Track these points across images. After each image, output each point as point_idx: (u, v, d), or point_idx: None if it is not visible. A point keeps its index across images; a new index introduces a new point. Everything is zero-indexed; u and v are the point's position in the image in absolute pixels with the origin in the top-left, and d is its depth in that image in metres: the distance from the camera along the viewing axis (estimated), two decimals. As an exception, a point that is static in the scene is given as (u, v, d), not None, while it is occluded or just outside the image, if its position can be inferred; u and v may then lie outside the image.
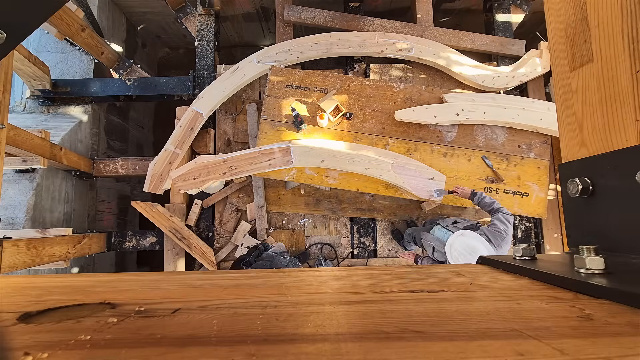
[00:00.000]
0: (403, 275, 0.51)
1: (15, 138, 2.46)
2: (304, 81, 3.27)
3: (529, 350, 0.28)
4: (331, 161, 2.99)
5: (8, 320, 0.33)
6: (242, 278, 0.50)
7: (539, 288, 0.44)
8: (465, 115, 3.13)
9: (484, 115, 3.14)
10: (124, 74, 3.87)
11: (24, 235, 3.08)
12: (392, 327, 0.32)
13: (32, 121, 3.71)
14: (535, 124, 3.14)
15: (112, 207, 4.67)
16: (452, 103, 3.16)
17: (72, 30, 3.27)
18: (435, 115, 3.12)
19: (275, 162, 3.00)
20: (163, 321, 0.34)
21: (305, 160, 3.00)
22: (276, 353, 0.28)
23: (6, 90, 1.80)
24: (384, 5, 4.73)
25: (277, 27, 3.81)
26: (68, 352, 0.28)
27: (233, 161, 3.05)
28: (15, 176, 3.31)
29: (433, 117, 3.12)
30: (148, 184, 3.40)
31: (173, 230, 3.44)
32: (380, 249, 3.63)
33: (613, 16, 0.50)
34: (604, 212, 0.53)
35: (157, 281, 0.49)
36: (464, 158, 3.19)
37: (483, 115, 3.14)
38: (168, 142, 3.44)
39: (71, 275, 0.53)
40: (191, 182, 3.08)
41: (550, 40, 0.66)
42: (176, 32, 5.50)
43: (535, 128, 3.16)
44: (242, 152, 3.07)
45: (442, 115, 3.13)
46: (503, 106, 3.17)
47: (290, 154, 2.99)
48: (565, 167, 0.61)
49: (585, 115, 0.57)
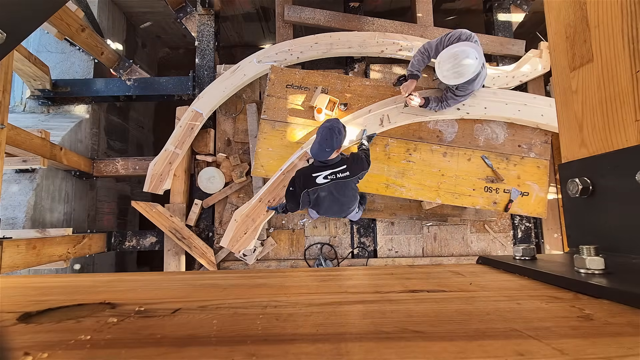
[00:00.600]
0: (403, 275, 0.51)
1: (15, 138, 2.46)
2: (304, 81, 3.27)
3: (529, 350, 0.28)
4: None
5: (8, 320, 0.33)
6: (242, 278, 0.50)
7: (539, 288, 0.44)
8: (465, 110, 3.13)
9: (485, 110, 3.14)
10: (124, 74, 3.87)
11: (24, 235, 3.08)
12: (392, 327, 0.32)
13: (32, 121, 3.71)
14: (536, 120, 3.13)
15: (112, 207, 4.67)
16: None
17: (72, 30, 3.27)
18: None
19: None
20: (163, 321, 0.34)
21: None
22: (276, 353, 0.28)
23: (6, 90, 1.80)
24: (384, 5, 4.73)
25: (277, 27, 3.81)
26: (68, 352, 0.28)
27: (267, 195, 3.03)
28: (15, 176, 3.31)
29: (433, 112, 3.12)
30: (148, 184, 3.40)
31: (173, 230, 3.44)
32: (380, 249, 3.63)
33: (613, 16, 0.50)
34: (604, 212, 0.53)
35: (157, 281, 0.49)
36: (464, 158, 3.19)
37: (484, 110, 3.14)
38: (168, 142, 3.44)
39: (71, 275, 0.53)
40: (245, 237, 3.05)
41: (550, 40, 0.66)
42: (176, 32, 5.50)
43: (536, 124, 3.16)
44: (270, 183, 3.04)
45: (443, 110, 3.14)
46: (504, 101, 3.16)
47: (309, 155, 3.01)
48: (565, 167, 0.61)
49: (585, 115, 0.57)
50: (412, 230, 3.63)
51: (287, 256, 3.61)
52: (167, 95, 3.94)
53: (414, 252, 3.62)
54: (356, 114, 3.16)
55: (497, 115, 3.15)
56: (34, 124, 3.66)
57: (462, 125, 3.22)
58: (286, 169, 3.01)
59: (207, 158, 3.66)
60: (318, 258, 3.54)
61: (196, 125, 3.44)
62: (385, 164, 3.14)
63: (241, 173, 3.57)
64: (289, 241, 3.62)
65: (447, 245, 3.63)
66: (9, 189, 3.26)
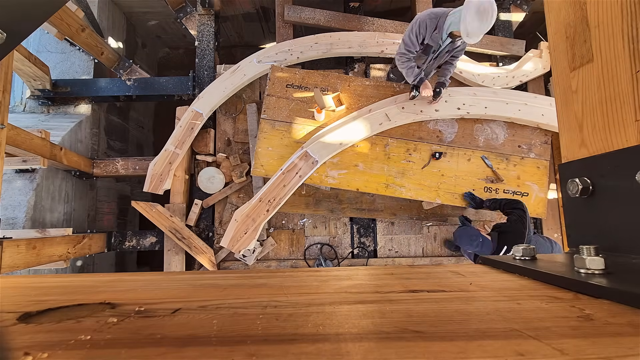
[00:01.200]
0: (403, 275, 0.51)
1: (15, 138, 2.46)
2: (304, 81, 3.27)
3: (529, 350, 0.28)
4: (345, 135, 3.05)
5: (8, 320, 0.33)
6: (242, 278, 0.50)
7: (539, 288, 0.44)
8: (466, 110, 3.13)
9: (485, 110, 3.14)
10: (124, 74, 3.87)
11: (24, 235, 3.08)
12: (392, 327, 0.32)
13: (32, 121, 3.71)
14: (537, 120, 3.13)
15: (112, 207, 4.67)
16: (454, 97, 3.16)
17: (72, 30, 3.27)
18: (437, 109, 3.12)
19: (303, 170, 3.00)
20: (163, 321, 0.34)
21: (325, 152, 3.02)
22: (276, 353, 0.28)
23: (6, 90, 1.80)
24: (384, 5, 4.73)
25: (277, 27, 3.81)
26: (68, 352, 0.28)
27: (267, 195, 3.02)
28: (15, 176, 3.31)
29: (434, 111, 3.12)
30: (148, 184, 3.40)
31: (173, 230, 3.44)
32: (381, 249, 3.62)
33: (613, 16, 0.50)
34: (604, 212, 0.53)
35: (157, 281, 0.49)
36: (464, 158, 3.18)
37: (484, 110, 3.14)
38: (168, 142, 3.44)
39: (71, 275, 0.53)
40: (245, 237, 3.05)
41: (550, 40, 0.66)
42: (176, 32, 5.50)
43: (537, 124, 3.16)
44: (270, 183, 3.05)
45: (444, 109, 3.13)
46: (505, 101, 3.16)
47: (310, 155, 3.00)
48: (565, 167, 0.61)
49: (585, 115, 0.57)
50: (412, 230, 3.63)
51: (287, 256, 3.61)
52: (167, 95, 3.94)
53: (414, 252, 3.62)
54: (355, 113, 3.16)
55: (498, 114, 3.15)
56: (34, 124, 3.66)
57: (462, 125, 3.22)
58: (286, 168, 3.01)
59: (207, 158, 3.66)
60: (318, 258, 3.54)
61: (196, 124, 3.44)
62: (385, 164, 3.14)
63: (241, 173, 3.57)
64: (289, 241, 3.62)
65: (447, 245, 3.63)
66: (9, 189, 3.26)
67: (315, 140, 3.05)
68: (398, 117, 3.11)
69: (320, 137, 3.06)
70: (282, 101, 3.24)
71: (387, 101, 3.18)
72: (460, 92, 3.20)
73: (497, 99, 3.17)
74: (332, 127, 3.12)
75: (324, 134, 3.09)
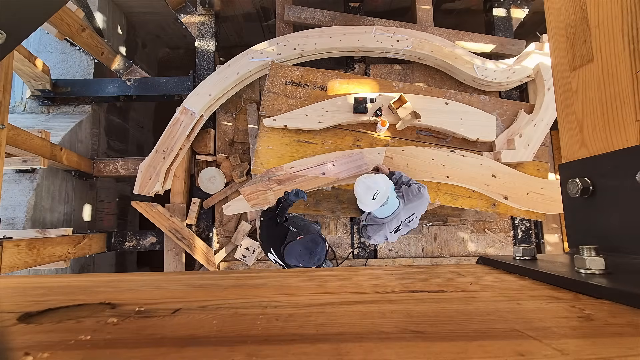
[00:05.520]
0: (403, 275, 0.51)
1: (15, 138, 2.46)
2: (303, 78, 3.27)
3: (530, 350, 0.28)
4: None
5: (8, 320, 0.33)
6: (242, 278, 0.50)
7: (539, 288, 0.44)
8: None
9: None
10: (124, 74, 3.87)
11: (24, 235, 3.08)
12: (392, 327, 0.32)
13: (32, 121, 3.71)
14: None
15: (112, 207, 4.67)
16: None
17: (72, 31, 3.27)
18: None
19: (185, 122, 3.32)
20: (163, 321, 0.34)
21: (200, 106, 3.37)
22: (276, 353, 0.28)
23: (6, 90, 1.80)
24: (384, 5, 4.73)
25: (277, 27, 3.81)
26: (68, 352, 0.28)
27: (161, 146, 3.41)
28: (15, 176, 3.31)
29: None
30: (138, 186, 3.38)
31: (173, 230, 3.44)
32: (381, 249, 3.62)
33: (613, 16, 0.50)
34: (604, 212, 0.53)
35: (157, 281, 0.49)
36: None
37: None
38: (158, 144, 3.42)
39: (71, 275, 0.53)
40: (150, 182, 3.38)
41: (550, 40, 0.66)
42: (176, 32, 5.49)
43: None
44: (161, 137, 3.39)
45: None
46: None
47: (188, 109, 3.35)
48: (566, 167, 0.61)
49: (585, 115, 0.57)
50: (412, 230, 3.62)
51: (287, 256, 3.60)
52: (167, 96, 3.94)
53: (414, 252, 3.62)
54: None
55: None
56: (34, 124, 3.66)
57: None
58: (171, 123, 3.24)
59: (207, 158, 3.66)
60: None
61: (179, 118, 3.39)
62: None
63: (241, 173, 3.57)
64: (289, 241, 3.61)
65: (447, 246, 3.63)
66: (9, 189, 3.26)
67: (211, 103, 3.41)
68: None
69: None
70: (281, 98, 3.24)
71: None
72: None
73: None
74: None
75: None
